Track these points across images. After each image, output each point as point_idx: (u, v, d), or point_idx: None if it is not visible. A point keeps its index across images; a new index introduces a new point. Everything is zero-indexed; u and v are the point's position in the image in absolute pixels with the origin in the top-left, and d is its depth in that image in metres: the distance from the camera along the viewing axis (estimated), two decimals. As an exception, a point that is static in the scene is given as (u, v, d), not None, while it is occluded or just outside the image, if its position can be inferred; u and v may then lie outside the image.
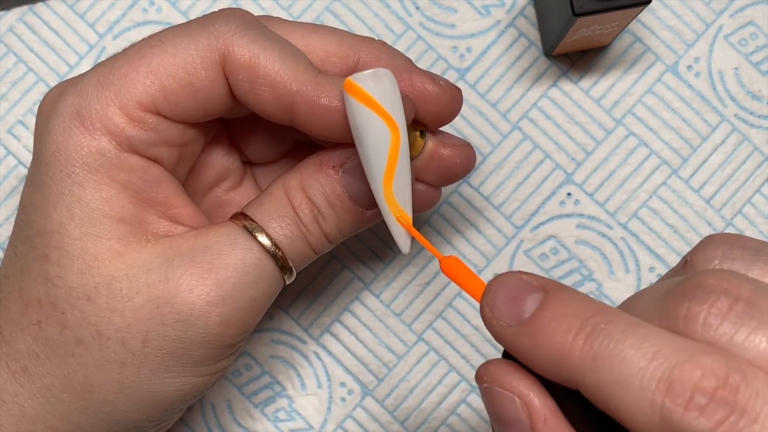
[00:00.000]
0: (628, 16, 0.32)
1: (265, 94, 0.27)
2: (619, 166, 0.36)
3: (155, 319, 0.26)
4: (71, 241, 0.26)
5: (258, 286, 0.27)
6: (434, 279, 0.36)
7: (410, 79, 0.28)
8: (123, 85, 0.26)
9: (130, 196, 0.27)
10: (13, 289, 0.27)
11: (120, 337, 0.26)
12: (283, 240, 0.27)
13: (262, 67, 0.26)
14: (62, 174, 0.26)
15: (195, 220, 0.28)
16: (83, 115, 0.26)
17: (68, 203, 0.26)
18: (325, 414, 0.36)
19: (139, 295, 0.26)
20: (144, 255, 0.26)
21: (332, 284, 0.36)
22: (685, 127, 0.37)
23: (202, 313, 0.26)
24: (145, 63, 0.26)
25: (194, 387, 0.28)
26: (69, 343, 0.26)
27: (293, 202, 0.28)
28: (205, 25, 0.27)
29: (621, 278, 0.36)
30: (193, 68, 0.26)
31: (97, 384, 0.27)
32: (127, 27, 0.37)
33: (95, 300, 0.26)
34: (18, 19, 0.37)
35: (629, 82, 0.37)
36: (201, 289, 0.26)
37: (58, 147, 0.26)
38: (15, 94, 0.37)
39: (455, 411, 0.36)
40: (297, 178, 0.28)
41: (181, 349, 0.27)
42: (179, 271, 0.26)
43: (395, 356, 0.36)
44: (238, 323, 0.27)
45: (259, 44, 0.26)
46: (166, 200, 0.28)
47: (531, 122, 0.37)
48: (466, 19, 0.37)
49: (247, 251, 0.27)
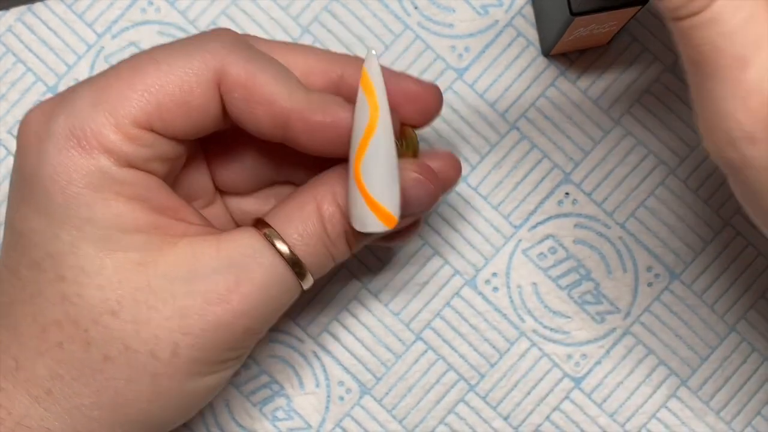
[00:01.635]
0: (626, 15, 0.32)
1: (260, 112, 0.27)
2: (617, 166, 0.37)
3: (183, 329, 0.26)
4: (87, 259, 0.26)
5: (280, 299, 0.28)
6: (432, 278, 0.36)
7: (397, 82, 0.29)
8: (118, 102, 0.26)
9: (140, 207, 0.27)
10: (25, 315, 0.26)
11: (148, 349, 0.26)
12: (307, 255, 0.28)
13: (259, 86, 0.26)
14: (65, 196, 0.26)
15: (199, 219, 0.29)
16: (79, 135, 0.26)
17: (78, 224, 0.26)
18: (323, 413, 0.36)
19: (165, 306, 0.26)
20: (166, 264, 0.26)
21: (331, 283, 0.36)
22: (683, 127, 0.37)
23: (228, 324, 0.27)
24: (140, 81, 0.26)
25: (220, 380, 0.28)
26: (96, 360, 0.26)
27: (324, 215, 0.28)
28: (199, 45, 0.27)
29: (619, 277, 0.36)
30: (189, 86, 0.26)
31: (131, 397, 0.26)
32: (126, 27, 0.37)
33: (119, 314, 0.26)
34: (16, 18, 0.37)
35: (627, 82, 0.37)
36: (228, 305, 0.26)
37: (55, 170, 0.26)
38: (14, 95, 0.37)
39: (453, 410, 0.36)
40: (330, 192, 0.28)
41: (206, 355, 0.27)
42: (204, 284, 0.26)
43: (393, 355, 0.36)
44: (260, 329, 0.28)
45: (254, 63, 0.27)
46: (172, 204, 0.28)
47: (529, 122, 0.37)
48: (465, 18, 0.37)
49: (273, 267, 0.27)
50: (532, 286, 0.36)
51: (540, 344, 0.36)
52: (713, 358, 0.36)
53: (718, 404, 0.36)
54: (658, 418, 0.36)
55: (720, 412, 0.36)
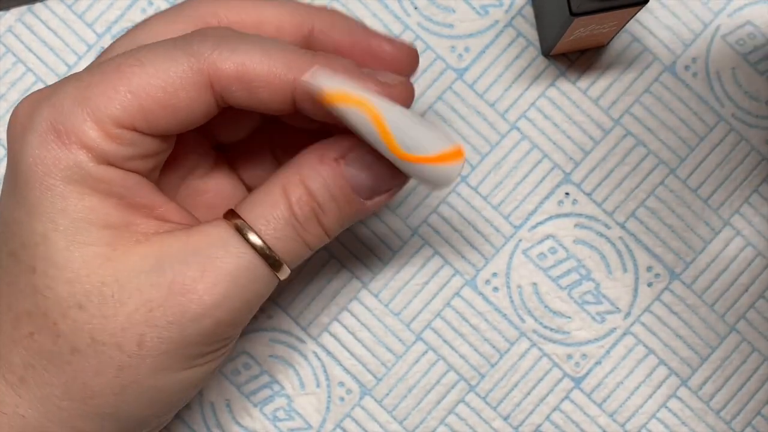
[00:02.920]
0: (626, 15, 0.32)
1: (263, 95, 0.27)
2: (617, 166, 0.37)
3: (149, 322, 0.26)
4: (57, 251, 0.26)
5: (250, 288, 0.27)
6: (433, 278, 0.36)
7: (367, 42, 0.28)
8: (101, 102, 0.26)
9: (113, 203, 0.27)
10: (2, 304, 0.27)
11: (115, 341, 0.26)
12: (276, 242, 0.27)
13: (251, 71, 0.26)
14: (42, 187, 0.26)
15: (180, 217, 0.28)
16: (59, 129, 0.26)
17: (51, 215, 0.26)
18: (323, 413, 0.36)
19: (131, 299, 0.26)
20: (134, 257, 0.26)
21: (331, 283, 0.36)
22: (683, 127, 0.37)
23: (196, 316, 0.26)
24: (125, 83, 0.26)
25: (195, 377, 0.28)
26: (64, 352, 0.26)
27: (291, 200, 0.27)
28: (181, 47, 0.26)
29: (619, 277, 0.36)
30: (173, 89, 0.26)
31: (98, 389, 0.27)
32: (126, 27, 0.37)
33: (87, 307, 0.26)
34: (17, 19, 0.37)
35: (627, 82, 0.37)
36: (193, 294, 0.26)
37: (35, 161, 0.26)
38: (14, 94, 0.37)
39: (454, 410, 0.36)
40: (297, 174, 0.28)
41: (176, 348, 0.27)
42: (170, 275, 0.26)
43: (394, 355, 0.36)
44: (233, 322, 0.27)
45: (240, 51, 0.26)
46: (150, 202, 0.27)
47: (529, 122, 0.37)
48: (465, 18, 0.37)
49: (240, 255, 0.27)
50: (533, 286, 0.36)
51: (540, 344, 0.36)
52: (713, 358, 0.36)
53: (718, 404, 0.36)
54: (658, 418, 0.36)
55: (720, 412, 0.36)
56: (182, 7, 0.29)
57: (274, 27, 0.28)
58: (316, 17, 0.29)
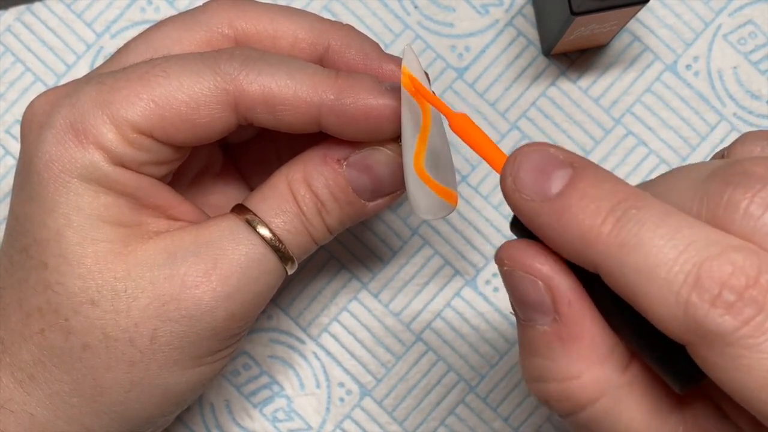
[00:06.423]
0: (627, 14, 0.32)
1: (289, 117, 0.27)
2: (617, 166, 0.36)
3: (162, 316, 0.26)
4: (70, 247, 0.26)
5: (261, 280, 0.28)
6: (433, 279, 0.36)
7: (380, 66, 0.28)
8: (122, 107, 0.26)
9: (127, 203, 0.27)
10: (12, 300, 0.27)
11: (127, 337, 0.26)
12: (286, 234, 0.28)
13: (277, 95, 0.26)
14: (57, 184, 0.26)
15: (193, 216, 0.29)
16: (77, 128, 0.26)
17: (65, 212, 0.26)
18: (323, 414, 0.36)
19: (144, 293, 0.26)
20: (146, 252, 0.27)
21: (331, 284, 0.36)
22: (684, 126, 0.37)
23: (209, 308, 0.27)
24: (148, 91, 0.26)
25: (203, 376, 0.28)
26: (75, 349, 0.26)
27: (296, 196, 0.28)
28: (209, 64, 0.27)
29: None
30: (196, 105, 0.26)
31: (107, 386, 0.27)
32: (125, 26, 0.37)
33: (99, 303, 0.26)
34: (15, 18, 0.37)
35: (628, 81, 0.37)
36: (207, 285, 0.26)
37: (51, 158, 0.26)
38: (13, 94, 0.37)
39: (454, 411, 0.36)
40: (300, 171, 0.28)
41: (188, 343, 0.27)
42: (183, 267, 0.26)
43: (394, 356, 0.36)
44: (244, 316, 0.28)
45: (265, 74, 0.26)
46: (163, 203, 0.28)
47: (529, 121, 0.37)
48: (465, 18, 0.37)
49: (251, 247, 0.27)
50: (533, 286, 0.36)
51: (541, 345, 0.36)
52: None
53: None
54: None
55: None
56: (198, 14, 0.29)
57: (289, 42, 0.29)
58: (332, 34, 0.29)
